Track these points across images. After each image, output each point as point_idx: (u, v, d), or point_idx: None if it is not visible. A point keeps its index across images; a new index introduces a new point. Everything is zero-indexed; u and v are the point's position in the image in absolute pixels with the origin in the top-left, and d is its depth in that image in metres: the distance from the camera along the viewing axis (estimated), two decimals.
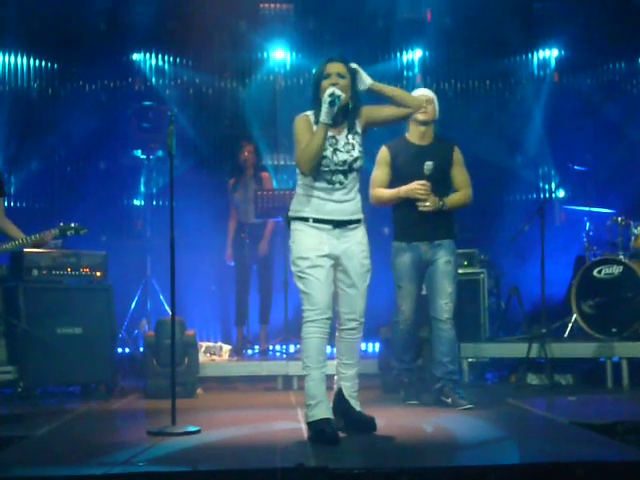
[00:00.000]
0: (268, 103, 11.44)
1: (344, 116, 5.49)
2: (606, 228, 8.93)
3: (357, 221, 5.53)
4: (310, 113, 5.51)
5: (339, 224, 5.45)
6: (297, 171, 5.52)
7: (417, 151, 6.77)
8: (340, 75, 5.45)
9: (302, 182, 5.50)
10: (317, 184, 5.44)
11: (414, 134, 6.85)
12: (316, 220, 5.43)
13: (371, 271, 5.59)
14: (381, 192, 6.77)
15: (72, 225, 7.35)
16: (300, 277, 5.40)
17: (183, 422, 5.72)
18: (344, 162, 5.43)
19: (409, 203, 6.67)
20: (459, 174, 6.85)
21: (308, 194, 5.46)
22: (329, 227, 5.44)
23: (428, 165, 6.58)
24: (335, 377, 5.69)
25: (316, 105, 5.46)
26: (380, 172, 6.84)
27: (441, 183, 6.72)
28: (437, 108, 6.90)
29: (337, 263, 5.47)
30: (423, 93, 6.87)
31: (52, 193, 10.91)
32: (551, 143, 11.10)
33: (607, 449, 4.97)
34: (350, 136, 5.50)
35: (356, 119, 5.56)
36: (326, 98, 5.30)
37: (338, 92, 5.33)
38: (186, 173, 9.87)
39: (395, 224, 6.90)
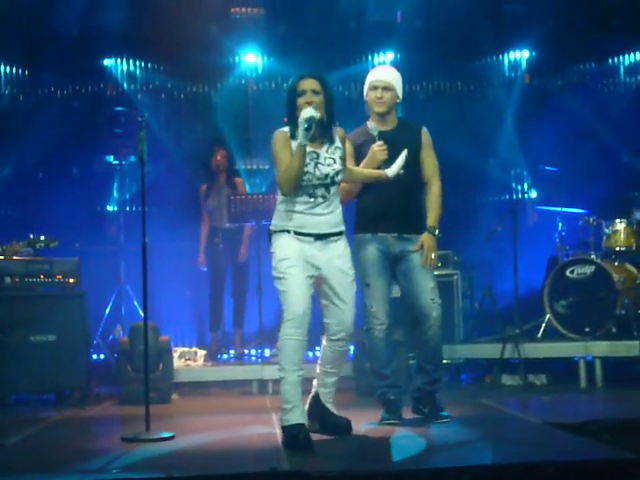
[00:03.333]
0: (240, 107, 11.44)
1: (322, 131, 5.49)
2: (578, 228, 8.98)
3: (339, 233, 5.55)
4: (287, 130, 5.50)
5: (320, 237, 5.47)
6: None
7: (380, 137, 6.09)
8: (314, 92, 5.46)
9: (283, 197, 5.50)
10: (299, 199, 5.45)
11: (375, 120, 6.18)
12: (297, 233, 5.45)
13: (355, 282, 5.62)
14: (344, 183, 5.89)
15: (42, 238, 7.33)
16: (279, 278, 5.40)
17: (157, 428, 5.71)
18: (326, 176, 5.44)
19: (374, 191, 6.03)
20: (428, 157, 6.21)
21: (289, 209, 5.46)
22: (310, 239, 5.45)
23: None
24: (314, 381, 5.72)
25: (292, 122, 5.46)
26: None
27: (411, 170, 6.05)
28: (400, 89, 6.20)
29: (320, 277, 5.47)
30: (379, 77, 6.20)
31: (24, 199, 10.84)
32: (523, 144, 11.16)
33: (580, 448, 5.00)
34: (331, 150, 5.51)
35: (335, 134, 5.58)
36: (302, 121, 5.27)
37: (314, 113, 5.30)
38: (159, 178, 9.83)
39: (358, 215, 6.18)
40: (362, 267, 6.06)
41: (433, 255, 6.00)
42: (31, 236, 7.34)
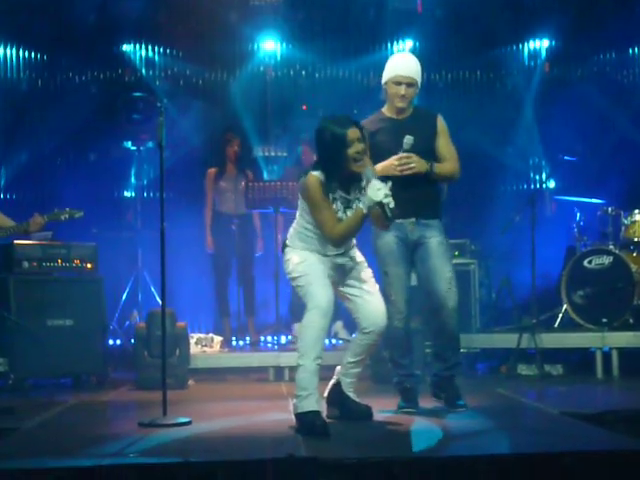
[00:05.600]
0: (258, 94, 11.44)
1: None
2: (596, 218, 8.95)
3: (352, 247, 5.60)
4: (318, 174, 5.35)
5: (336, 256, 5.51)
6: (301, 208, 5.49)
7: (396, 125, 6.03)
8: (359, 140, 5.34)
9: (305, 220, 5.47)
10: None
11: (391, 108, 6.11)
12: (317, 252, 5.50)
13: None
14: None
15: (66, 209, 7.32)
16: (299, 277, 5.42)
17: (174, 413, 5.71)
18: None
19: (391, 178, 5.65)
20: (444, 146, 6.09)
21: (309, 235, 5.47)
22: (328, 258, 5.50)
23: (408, 140, 5.83)
24: (337, 368, 5.74)
25: (330, 166, 5.34)
26: None
27: (428, 157, 5.94)
28: (420, 78, 6.08)
29: (339, 279, 5.51)
30: (404, 72, 6.01)
31: (42, 185, 10.88)
32: (541, 133, 11.12)
33: (596, 439, 4.98)
34: (358, 192, 5.47)
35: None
36: (384, 200, 5.17)
37: (392, 203, 5.22)
38: (177, 164, 9.85)
39: None
40: (380, 255, 5.99)
41: (412, 164, 5.85)
42: (55, 210, 7.34)
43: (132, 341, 8.21)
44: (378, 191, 5.18)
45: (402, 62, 6.15)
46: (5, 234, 7.21)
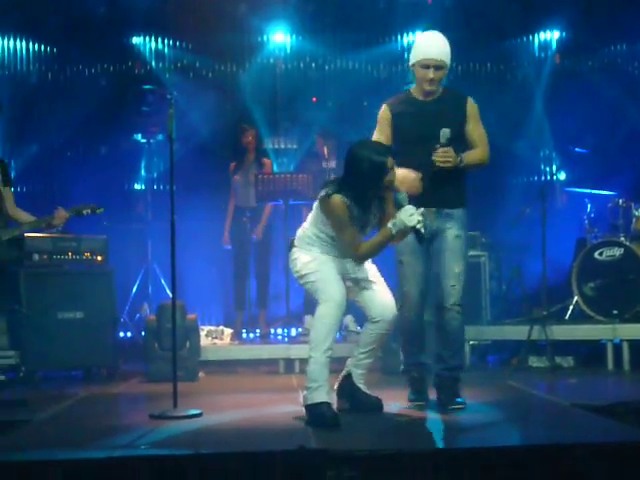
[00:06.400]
0: (268, 86, 11.43)
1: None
2: (607, 210, 8.91)
3: None
4: (343, 196, 5.33)
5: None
6: (315, 218, 5.49)
7: (422, 108, 5.81)
8: (392, 167, 5.36)
9: (319, 230, 5.48)
10: (334, 242, 5.48)
11: (419, 90, 5.84)
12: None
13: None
14: None
15: (89, 205, 7.32)
16: (309, 273, 5.45)
17: (184, 405, 5.73)
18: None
19: (415, 167, 5.64)
20: (474, 130, 5.84)
21: (323, 244, 5.49)
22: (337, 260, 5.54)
23: (444, 133, 5.60)
24: (348, 361, 5.75)
25: (362, 191, 5.35)
26: (377, 136, 5.87)
27: (456, 144, 5.68)
28: (449, 59, 5.82)
29: (346, 275, 5.52)
30: (433, 55, 5.76)
31: (52, 177, 10.89)
32: (552, 125, 11.08)
33: (608, 430, 4.97)
34: (376, 211, 5.51)
35: None
36: (417, 225, 5.23)
37: (424, 229, 5.31)
38: (186, 157, 9.85)
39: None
40: (397, 244, 5.73)
41: (446, 157, 5.62)
42: (77, 205, 7.35)
43: (142, 333, 8.22)
44: (411, 217, 5.23)
45: (430, 43, 5.87)
46: (28, 229, 7.22)
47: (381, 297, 5.58)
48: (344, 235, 5.37)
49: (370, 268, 5.64)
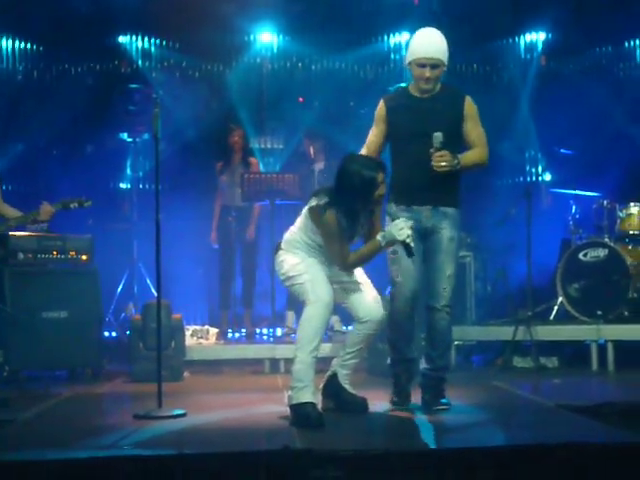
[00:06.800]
0: (255, 86, 11.43)
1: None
2: (592, 211, 8.95)
3: None
4: (335, 211, 5.38)
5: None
6: (304, 225, 5.53)
7: (417, 105, 5.75)
8: (382, 181, 5.42)
9: (309, 237, 5.52)
10: (322, 249, 5.52)
11: (416, 88, 5.77)
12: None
13: None
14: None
15: (75, 198, 7.28)
16: (297, 275, 5.48)
17: (169, 405, 5.72)
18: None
19: (410, 164, 5.68)
20: (473, 130, 5.76)
21: (311, 250, 5.53)
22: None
23: (437, 137, 5.53)
24: (334, 361, 5.77)
25: (352, 205, 5.40)
26: (372, 132, 5.87)
27: (452, 144, 5.61)
28: (446, 57, 5.73)
29: (333, 278, 5.53)
30: (428, 53, 5.67)
31: (38, 176, 10.85)
32: (538, 126, 11.10)
33: (592, 431, 4.99)
34: (364, 222, 5.55)
35: None
36: (407, 240, 5.29)
37: (413, 242, 5.35)
38: (172, 156, 9.83)
39: (393, 188, 5.75)
40: None
41: (443, 162, 5.54)
42: (63, 199, 7.32)
43: (128, 333, 8.20)
44: (401, 230, 5.29)
45: (426, 41, 5.77)
46: (15, 224, 7.19)
47: (368, 297, 5.60)
48: (333, 247, 5.43)
49: (356, 269, 5.65)
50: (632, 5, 10.29)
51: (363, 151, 5.82)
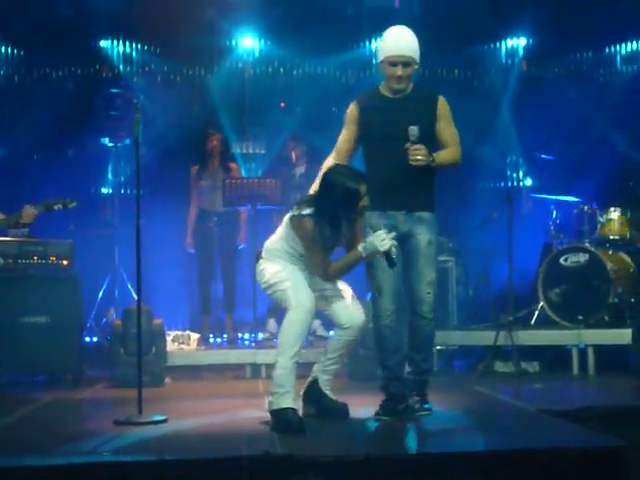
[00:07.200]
0: (237, 91, 11.43)
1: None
2: (573, 216, 8.99)
3: None
4: (315, 220, 5.39)
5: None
6: (286, 235, 5.52)
7: (389, 105, 5.69)
8: (365, 193, 5.39)
9: (290, 246, 5.52)
10: (303, 258, 5.53)
11: (388, 87, 5.71)
12: None
13: None
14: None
15: (59, 199, 7.24)
16: (278, 282, 5.47)
17: (150, 411, 5.69)
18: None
19: (383, 165, 5.61)
20: (445, 130, 5.71)
21: (293, 259, 5.53)
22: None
23: (412, 131, 5.46)
24: (315, 366, 5.76)
25: (335, 216, 5.40)
26: (343, 135, 5.81)
27: (426, 144, 5.52)
28: (417, 54, 5.69)
29: (313, 286, 5.52)
30: (399, 51, 5.64)
31: (18, 180, 10.79)
32: (519, 132, 11.15)
33: (573, 435, 4.99)
34: (345, 233, 5.54)
35: None
36: (389, 251, 5.29)
37: (395, 253, 5.38)
38: (153, 161, 9.80)
39: (367, 191, 5.44)
40: None
41: (419, 157, 5.49)
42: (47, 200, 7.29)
43: (108, 338, 8.17)
44: (383, 241, 5.29)
45: (397, 39, 5.71)
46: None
47: (349, 304, 5.59)
48: (315, 256, 5.44)
49: (344, 284, 5.67)
50: (612, 11, 10.35)
51: (333, 155, 5.81)
